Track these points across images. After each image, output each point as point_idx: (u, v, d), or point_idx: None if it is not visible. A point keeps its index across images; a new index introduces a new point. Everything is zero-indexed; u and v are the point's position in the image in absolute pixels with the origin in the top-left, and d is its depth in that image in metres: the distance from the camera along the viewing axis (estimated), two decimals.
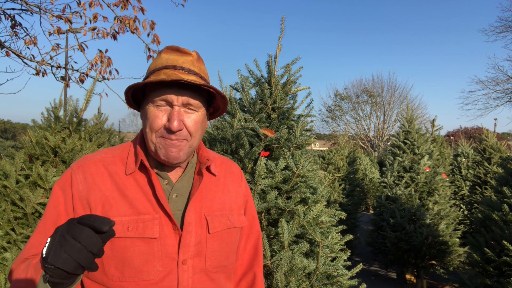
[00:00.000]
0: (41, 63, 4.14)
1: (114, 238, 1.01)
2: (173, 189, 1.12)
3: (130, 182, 1.08)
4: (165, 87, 1.03)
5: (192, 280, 1.07)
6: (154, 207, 1.06)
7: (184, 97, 1.04)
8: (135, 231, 1.03)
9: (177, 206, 1.10)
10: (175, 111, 1.04)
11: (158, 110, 1.05)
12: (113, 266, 1.03)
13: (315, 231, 2.15)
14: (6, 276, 2.48)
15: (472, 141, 11.58)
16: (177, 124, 1.03)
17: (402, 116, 6.71)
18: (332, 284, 2.18)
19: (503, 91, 23.62)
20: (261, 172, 2.16)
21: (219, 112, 1.22)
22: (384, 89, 33.67)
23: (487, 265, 3.57)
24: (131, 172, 1.09)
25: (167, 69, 1.05)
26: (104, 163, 1.10)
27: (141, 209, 1.05)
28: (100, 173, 1.08)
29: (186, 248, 1.06)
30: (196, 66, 1.09)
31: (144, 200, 1.06)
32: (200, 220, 1.11)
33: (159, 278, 1.03)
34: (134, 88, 1.07)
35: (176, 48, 1.10)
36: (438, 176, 5.94)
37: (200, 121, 1.10)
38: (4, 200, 2.65)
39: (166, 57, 1.09)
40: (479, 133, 9.62)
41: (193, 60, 1.10)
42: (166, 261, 1.04)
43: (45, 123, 3.04)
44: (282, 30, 2.44)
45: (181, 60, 1.08)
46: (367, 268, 6.97)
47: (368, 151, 26.74)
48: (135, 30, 4.08)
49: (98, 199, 1.05)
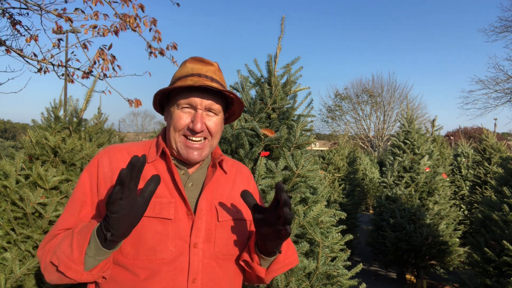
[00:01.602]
0: (42, 61, 4.14)
1: None
2: (189, 179, 1.22)
3: (151, 169, 1.18)
4: (191, 91, 1.16)
5: (202, 264, 1.14)
6: (171, 192, 1.16)
7: (208, 101, 1.16)
8: (152, 211, 1.11)
9: (191, 194, 1.20)
10: (199, 114, 1.16)
11: (182, 112, 1.17)
12: (129, 243, 1.10)
13: (315, 231, 2.15)
14: (6, 276, 2.48)
15: (472, 141, 11.58)
16: (200, 126, 1.15)
17: (402, 116, 6.71)
18: (332, 284, 2.18)
19: (503, 91, 23.64)
20: (261, 172, 2.16)
21: (235, 116, 1.35)
22: (384, 89, 33.70)
23: (487, 265, 3.57)
24: (153, 160, 1.19)
25: (193, 76, 1.17)
26: (128, 151, 1.21)
27: (159, 193, 1.14)
28: (124, 159, 1.19)
29: (197, 232, 1.14)
30: (217, 75, 1.22)
31: (162, 185, 1.16)
32: (211, 208, 1.19)
33: (171, 258, 1.11)
34: (163, 92, 1.19)
35: (200, 59, 1.23)
36: (438, 176, 5.94)
37: (219, 123, 1.23)
38: (4, 200, 2.65)
39: (191, 66, 1.21)
40: (479, 133, 9.62)
41: (215, 69, 1.23)
42: (179, 243, 1.12)
43: (45, 123, 3.04)
44: (282, 30, 2.44)
45: (205, 69, 1.20)
46: (367, 268, 6.97)
47: (368, 151, 26.73)
48: (136, 28, 4.08)
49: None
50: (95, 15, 3.94)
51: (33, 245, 2.62)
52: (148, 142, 1.27)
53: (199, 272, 1.13)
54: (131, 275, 1.10)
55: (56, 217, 2.64)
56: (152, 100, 1.24)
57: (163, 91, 1.18)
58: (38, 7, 3.83)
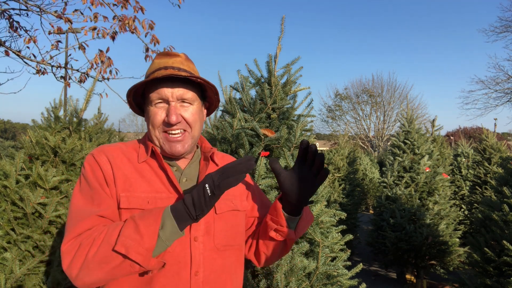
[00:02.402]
0: (41, 62, 4.14)
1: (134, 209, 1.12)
2: (183, 174, 1.24)
3: (145, 167, 1.20)
4: (160, 84, 1.16)
5: (203, 256, 1.16)
6: (168, 189, 1.17)
7: (179, 89, 1.16)
8: (154, 205, 1.12)
9: (187, 190, 1.20)
10: (172, 106, 1.16)
11: (157, 108, 1.18)
12: None
13: (315, 231, 2.15)
14: (6, 276, 2.48)
15: (472, 141, 11.58)
16: (175, 118, 1.15)
17: (402, 116, 6.71)
18: (332, 284, 2.18)
19: (503, 91, 23.63)
20: (261, 172, 2.16)
21: (214, 105, 1.34)
22: (384, 89, 33.69)
23: (487, 265, 3.57)
24: (143, 160, 1.20)
25: (160, 70, 1.18)
26: (121, 150, 1.22)
27: (157, 189, 1.16)
28: (120, 157, 1.19)
29: (197, 226, 1.16)
30: (185, 65, 1.22)
31: (158, 182, 1.17)
32: None
33: (173, 251, 1.12)
34: (133, 91, 1.19)
35: (166, 53, 1.24)
36: (438, 176, 5.94)
37: (197, 113, 1.22)
38: (4, 200, 2.65)
39: (158, 61, 1.22)
40: (479, 133, 9.62)
41: (182, 60, 1.23)
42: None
43: (45, 123, 3.04)
44: (282, 30, 2.44)
45: (171, 61, 1.21)
46: (367, 268, 6.97)
47: (368, 151, 26.73)
48: (134, 30, 4.08)
49: (120, 176, 1.15)
50: (95, 17, 3.94)
51: (33, 245, 2.62)
52: (137, 143, 1.27)
53: (200, 264, 1.14)
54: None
55: (56, 217, 2.65)
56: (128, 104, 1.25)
57: (132, 89, 1.18)
58: (38, 8, 3.83)
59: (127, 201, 1.12)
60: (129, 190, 1.14)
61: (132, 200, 1.12)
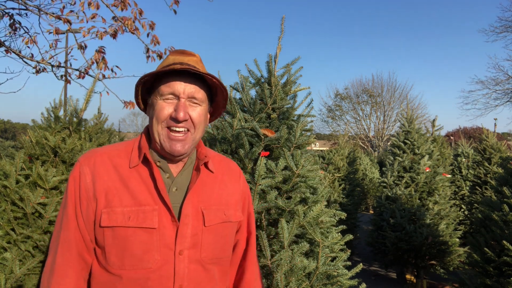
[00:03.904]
0: (41, 62, 4.14)
1: (116, 227, 1.09)
2: (173, 183, 1.18)
3: (133, 175, 1.15)
4: (173, 78, 1.13)
5: (188, 269, 1.12)
6: (154, 199, 1.13)
7: (191, 88, 1.14)
8: (136, 220, 1.09)
9: (176, 199, 1.16)
10: (182, 103, 1.13)
11: (165, 102, 1.14)
12: (114, 254, 1.10)
13: (315, 231, 2.15)
14: (6, 276, 2.47)
15: (472, 141, 11.57)
16: (183, 115, 1.11)
17: (402, 116, 6.71)
18: (332, 284, 2.18)
19: (503, 91, 23.60)
20: (261, 172, 2.16)
21: (219, 111, 1.31)
22: (384, 89, 33.68)
23: (487, 265, 3.57)
24: (135, 166, 1.15)
25: (175, 65, 1.13)
26: (109, 156, 1.17)
27: (142, 201, 1.12)
28: (105, 164, 1.15)
29: (182, 239, 1.12)
30: (199, 65, 1.19)
31: (145, 192, 1.13)
32: (197, 213, 1.16)
33: (156, 266, 1.09)
34: (144, 80, 1.16)
35: (182, 51, 1.22)
36: (438, 176, 5.94)
37: (203, 114, 1.19)
38: (4, 200, 2.65)
39: (173, 57, 1.19)
40: (479, 133, 9.61)
41: (197, 60, 1.21)
42: (164, 251, 1.10)
43: (45, 123, 3.04)
44: (282, 30, 2.44)
45: (186, 59, 1.18)
46: (367, 268, 6.97)
47: (368, 151, 26.72)
48: (134, 31, 4.08)
49: (102, 189, 1.12)
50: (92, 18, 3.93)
51: (33, 245, 2.62)
52: (130, 143, 1.22)
53: (184, 278, 1.12)
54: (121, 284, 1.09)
55: (56, 217, 2.64)
56: (134, 92, 1.20)
57: (145, 78, 1.14)
58: (37, 8, 3.83)
59: (108, 219, 1.09)
60: (110, 206, 1.10)
61: (113, 216, 1.09)
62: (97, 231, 1.12)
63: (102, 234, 1.10)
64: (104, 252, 1.10)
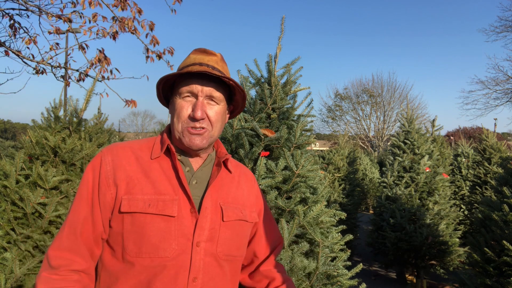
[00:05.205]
0: (41, 62, 4.14)
1: (135, 213, 1.11)
2: (194, 176, 1.22)
3: (154, 166, 1.19)
4: (192, 79, 1.17)
5: (204, 262, 1.14)
6: (174, 190, 1.15)
7: (208, 88, 1.17)
8: (155, 208, 1.11)
9: (195, 192, 1.19)
10: (199, 102, 1.17)
11: (184, 101, 1.18)
12: (132, 241, 1.11)
13: (315, 231, 2.15)
14: (6, 276, 2.47)
15: (472, 141, 11.57)
16: (200, 114, 1.15)
17: (402, 116, 6.71)
18: (332, 284, 2.18)
19: (503, 91, 23.60)
20: (261, 172, 2.16)
21: (239, 109, 1.35)
22: (384, 89, 33.67)
23: (487, 265, 3.57)
24: (156, 157, 1.20)
25: (195, 65, 1.18)
26: (131, 149, 1.21)
27: (162, 190, 1.15)
28: (127, 156, 1.19)
29: (201, 231, 1.15)
30: (219, 65, 1.23)
31: (166, 183, 1.16)
32: (216, 207, 1.19)
33: (173, 256, 1.11)
34: (164, 80, 1.20)
35: (203, 50, 1.24)
36: (438, 176, 5.94)
37: (221, 113, 1.22)
38: (4, 200, 2.65)
39: (194, 56, 1.22)
40: (479, 133, 9.61)
41: (218, 60, 1.23)
42: (182, 241, 1.12)
43: (45, 123, 3.04)
44: (282, 30, 2.44)
45: (207, 58, 1.21)
46: (367, 268, 6.97)
47: (368, 151, 26.70)
48: (134, 31, 4.08)
49: (123, 178, 1.15)
50: (94, 17, 3.93)
51: (33, 245, 2.62)
52: (152, 139, 1.27)
53: (200, 270, 1.13)
54: (134, 272, 1.10)
55: (56, 217, 2.64)
56: (156, 91, 1.25)
57: (164, 79, 1.19)
58: (37, 8, 3.83)
59: (127, 205, 1.11)
60: (131, 193, 1.13)
61: (133, 203, 1.12)
62: (115, 218, 1.13)
63: (121, 220, 1.12)
64: (122, 239, 1.12)
